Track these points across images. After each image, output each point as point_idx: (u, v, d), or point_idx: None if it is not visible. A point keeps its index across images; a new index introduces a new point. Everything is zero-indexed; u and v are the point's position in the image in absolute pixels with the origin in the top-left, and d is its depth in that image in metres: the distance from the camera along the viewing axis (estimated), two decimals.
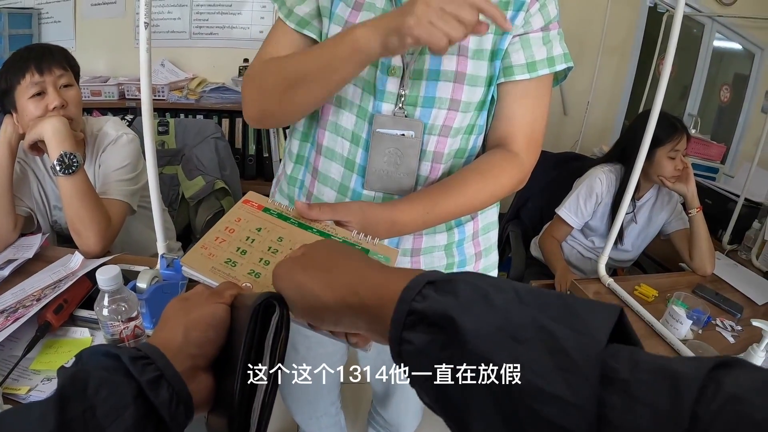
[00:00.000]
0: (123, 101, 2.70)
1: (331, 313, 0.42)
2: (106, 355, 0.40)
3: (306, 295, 0.43)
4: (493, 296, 0.34)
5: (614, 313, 0.33)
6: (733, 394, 0.26)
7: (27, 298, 0.99)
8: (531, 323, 0.32)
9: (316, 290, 0.43)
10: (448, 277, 0.37)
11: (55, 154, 1.17)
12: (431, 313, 0.35)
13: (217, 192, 1.80)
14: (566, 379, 0.29)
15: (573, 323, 0.32)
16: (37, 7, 2.91)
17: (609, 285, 1.40)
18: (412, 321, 0.36)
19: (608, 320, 0.32)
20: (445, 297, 0.35)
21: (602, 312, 0.33)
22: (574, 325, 0.31)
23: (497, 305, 0.34)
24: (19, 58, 1.23)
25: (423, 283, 0.37)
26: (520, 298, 0.34)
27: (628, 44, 3.28)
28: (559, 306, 0.33)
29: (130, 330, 0.85)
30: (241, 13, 2.95)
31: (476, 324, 0.33)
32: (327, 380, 1.23)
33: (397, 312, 0.36)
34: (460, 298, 0.35)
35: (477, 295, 0.35)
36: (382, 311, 0.38)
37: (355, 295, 0.41)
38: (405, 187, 0.87)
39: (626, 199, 1.31)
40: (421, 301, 0.36)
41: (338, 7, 0.84)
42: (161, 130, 1.82)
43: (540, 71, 0.83)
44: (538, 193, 2.11)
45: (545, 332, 0.31)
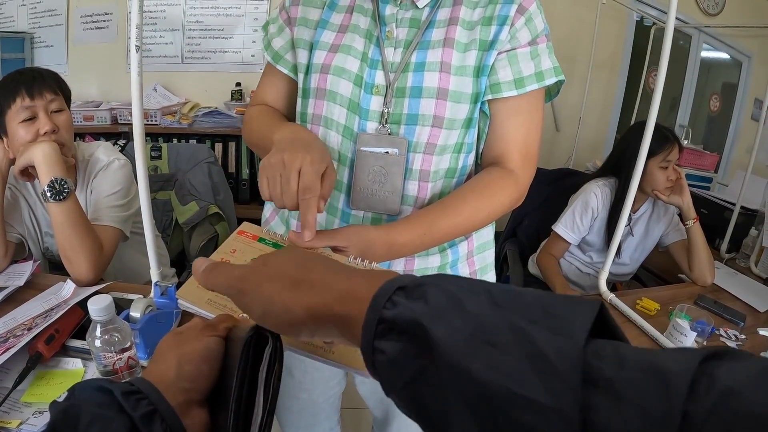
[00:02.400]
0: (115, 126, 2.71)
1: (304, 326, 0.40)
2: (98, 390, 0.39)
3: (275, 310, 0.41)
4: (466, 300, 0.33)
5: (594, 309, 0.31)
6: (728, 387, 0.24)
7: (18, 327, 0.97)
8: (506, 327, 0.30)
9: (285, 303, 0.40)
10: (419, 281, 0.36)
11: (45, 180, 1.15)
12: (401, 321, 0.33)
13: (211, 217, 1.79)
14: (545, 384, 0.27)
15: (551, 324, 0.30)
16: (30, 31, 2.95)
17: (611, 300, 1.38)
18: (383, 330, 0.34)
19: (588, 317, 0.30)
20: (416, 303, 0.33)
21: (581, 309, 0.31)
22: (551, 326, 0.30)
23: (470, 310, 0.32)
24: (9, 81, 1.22)
25: (393, 289, 0.35)
26: (495, 300, 0.33)
27: (617, 58, 3.34)
28: (535, 306, 0.32)
29: (123, 361, 0.83)
30: (233, 37, 2.98)
31: (448, 331, 0.31)
32: (325, 405, 1.21)
33: (367, 321, 0.35)
34: (431, 304, 0.33)
35: (448, 300, 0.33)
36: (353, 319, 0.36)
37: (323, 306, 0.39)
38: (390, 206, 0.87)
39: (624, 213, 1.30)
40: (391, 308, 0.34)
41: (322, 35, 0.87)
42: (154, 154, 1.82)
43: (528, 87, 0.83)
44: (533, 211, 2.11)
45: (522, 335, 0.30)
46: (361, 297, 0.36)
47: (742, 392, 0.24)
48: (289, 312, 0.40)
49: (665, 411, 0.25)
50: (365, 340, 0.35)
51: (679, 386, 0.25)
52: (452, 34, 0.82)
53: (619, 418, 0.26)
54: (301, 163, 0.65)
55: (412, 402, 0.33)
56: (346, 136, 0.86)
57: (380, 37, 0.84)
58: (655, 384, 0.26)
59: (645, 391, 0.26)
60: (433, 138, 0.84)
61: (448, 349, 0.31)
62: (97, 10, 2.93)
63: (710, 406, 0.24)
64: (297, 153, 0.66)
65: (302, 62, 0.90)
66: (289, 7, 0.92)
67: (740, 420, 0.23)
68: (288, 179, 0.65)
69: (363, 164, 0.85)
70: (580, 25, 2.98)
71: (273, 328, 0.43)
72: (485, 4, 0.83)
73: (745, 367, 0.26)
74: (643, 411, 0.25)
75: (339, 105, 0.86)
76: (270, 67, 0.97)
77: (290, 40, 0.92)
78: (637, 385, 0.26)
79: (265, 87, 1.00)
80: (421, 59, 0.82)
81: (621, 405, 0.26)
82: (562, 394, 0.27)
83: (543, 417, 0.27)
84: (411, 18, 0.84)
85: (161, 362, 0.45)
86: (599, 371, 0.27)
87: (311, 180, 0.65)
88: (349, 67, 0.84)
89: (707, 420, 0.24)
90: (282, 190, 0.66)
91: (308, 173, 0.65)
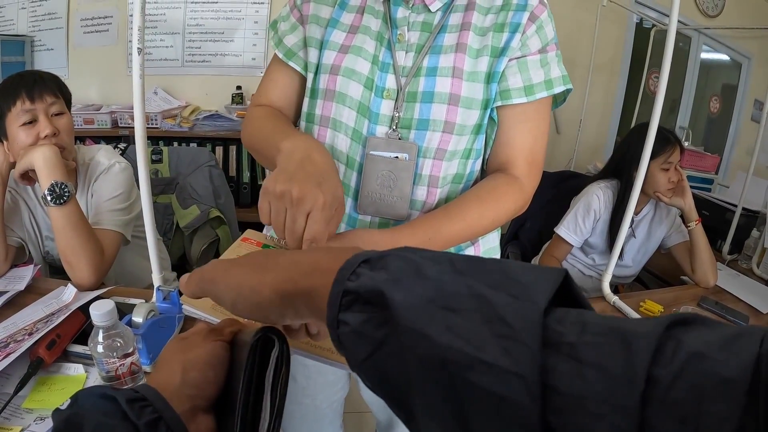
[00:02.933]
0: (116, 129, 2.71)
1: (273, 306, 0.40)
2: (102, 397, 0.38)
3: (243, 293, 0.41)
4: (426, 268, 0.33)
5: (556, 276, 0.30)
6: (696, 351, 0.24)
7: (18, 332, 0.96)
8: (466, 292, 0.30)
9: (253, 285, 0.40)
10: (384, 253, 0.35)
11: (46, 184, 1.15)
12: (363, 292, 0.33)
13: (212, 221, 1.78)
14: (504, 347, 0.27)
15: (511, 289, 0.30)
16: (30, 34, 2.95)
17: (614, 303, 1.38)
18: (348, 302, 0.34)
19: (550, 283, 0.30)
20: (378, 273, 0.33)
21: (543, 275, 0.31)
22: (511, 291, 0.29)
23: (430, 276, 0.32)
24: (9, 84, 1.21)
25: (358, 262, 0.35)
26: (455, 267, 0.32)
27: (617, 61, 3.34)
28: (496, 272, 0.31)
29: (126, 367, 0.83)
30: (234, 40, 2.98)
31: (406, 296, 0.31)
32: (329, 410, 1.20)
33: (332, 294, 0.34)
34: (391, 272, 0.33)
35: (408, 267, 0.33)
36: (318, 293, 0.36)
37: (289, 282, 0.39)
38: (399, 211, 0.86)
39: (627, 215, 1.30)
40: (355, 280, 0.34)
41: (332, 34, 0.86)
42: (155, 158, 1.81)
43: (538, 94, 0.83)
44: (535, 214, 2.10)
45: (481, 300, 0.29)
46: (325, 269, 0.36)
47: (709, 356, 0.24)
48: (257, 293, 0.40)
49: (629, 373, 0.24)
50: (330, 313, 0.34)
51: (642, 349, 0.25)
52: (465, 39, 0.81)
53: (581, 382, 0.25)
54: (312, 206, 0.59)
55: (375, 373, 0.33)
56: (355, 139, 0.86)
57: (391, 40, 0.83)
58: (618, 347, 0.25)
59: (607, 354, 0.25)
60: (444, 144, 0.84)
61: (406, 313, 0.30)
62: (97, 14, 2.93)
63: (677, 370, 0.24)
64: (308, 190, 0.59)
65: (312, 62, 0.88)
66: (301, 5, 0.90)
67: (708, 382, 0.23)
68: (294, 220, 0.59)
69: (372, 168, 0.85)
70: (581, 27, 2.99)
71: (245, 314, 0.43)
72: (497, 10, 0.82)
73: (714, 332, 0.25)
74: (606, 374, 0.25)
75: (348, 107, 0.85)
76: (277, 66, 0.94)
77: (303, 38, 0.90)
78: (599, 348, 0.26)
79: (270, 85, 0.96)
80: (434, 64, 0.81)
81: (583, 368, 0.25)
82: (521, 357, 0.27)
83: (502, 380, 0.27)
84: (423, 22, 0.83)
85: (166, 368, 0.45)
86: (560, 335, 0.27)
87: (319, 231, 0.59)
88: (359, 69, 0.83)
89: (673, 383, 0.24)
90: (286, 228, 0.60)
91: (318, 221, 0.59)
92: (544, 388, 0.26)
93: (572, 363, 0.26)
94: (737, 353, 0.23)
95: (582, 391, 0.25)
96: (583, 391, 0.25)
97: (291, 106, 0.96)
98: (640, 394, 0.24)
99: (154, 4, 2.92)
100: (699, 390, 0.23)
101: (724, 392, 0.22)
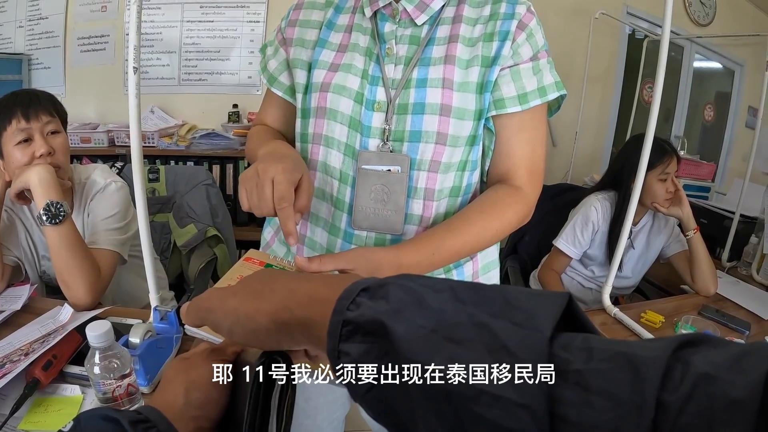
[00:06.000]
0: (113, 148, 2.70)
1: (269, 334, 0.40)
2: (105, 419, 0.38)
3: (240, 320, 0.41)
4: (428, 297, 0.32)
5: (560, 302, 0.30)
6: (704, 373, 0.23)
7: (14, 353, 0.96)
8: (468, 321, 0.30)
9: (249, 312, 0.40)
10: (383, 281, 0.35)
11: (41, 203, 1.14)
12: (363, 321, 0.33)
13: (209, 239, 1.77)
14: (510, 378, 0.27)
15: (513, 316, 0.29)
16: (27, 52, 2.96)
17: (615, 315, 1.37)
18: (348, 332, 0.33)
19: (554, 309, 0.29)
20: (378, 303, 0.33)
21: (547, 301, 0.30)
22: (514, 318, 0.29)
23: (431, 306, 0.32)
24: (5, 103, 1.21)
25: (357, 291, 0.35)
26: (457, 296, 0.32)
27: (611, 72, 3.36)
28: (498, 299, 0.31)
29: (123, 388, 0.82)
30: (230, 59, 3.00)
31: (408, 327, 0.31)
32: (329, 428, 1.18)
33: (332, 324, 0.34)
34: (391, 302, 0.32)
35: (409, 297, 0.33)
36: (315, 322, 0.36)
37: (286, 310, 0.38)
38: (394, 225, 0.86)
39: (626, 226, 1.30)
40: (354, 310, 0.33)
41: (321, 54, 0.87)
42: (152, 177, 1.81)
43: (532, 102, 0.83)
44: (534, 227, 2.09)
45: (483, 329, 0.29)
46: (322, 299, 0.36)
47: (718, 377, 0.23)
48: (253, 320, 0.40)
49: (638, 400, 0.24)
50: (330, 344, 0.34)
51: (651, 374, 0.24)
52: (453, 51, 0.82)
53: (590, 410, 0.25)
54: (274, 172, 0.67)
55: (379, 405, 0.33)
56: (348, 154, 0.86)
57: (380, 54, 0.84)
58: (626, 373, 0.25)
59: (615, 381, 0.25)
60: (437, 155, 0.83)
61: (408, 346, 0.30)
62: (94, 33, 2.94)
63: (686, 393, 0.23)
64: (270, 163, 0.69)
65: (300, 82, 0.89)
66: (285, 28, 0.92)
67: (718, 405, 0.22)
68: (263, 187, 0.67)
69: (364, 182, 0.84)
70: (574, 40, 3.01)
71: (241, 340, 0.42)
72: (485, 20, 0.83)
73: (721, 352, 0.25)
74: (615, 401, 0.24)
75: (340, 123, 0.85)
76: (268, 90, 0.98)
77: (285, 61, 0.92)
78: (607, 375, 0.25)
79: (264, 108, 1.01)
80: (423, 75, 0.82)
81: (591, 396, 0.25)
82: (526, 387, 0.26)
83: (507, 412, 0.26)
84: (411, 35, 0.84)
85: (169, 389, 0.45)
86: (567, 363, 0.26)
87: (285, 188, 0.67)
88: (349, 84, 0.84)
89: (683, 408, 0.23)
90: (258, 198, 0.68)
91: (281, 182, 0.67)
92: (553, 418, 0.25)
93: (580, 391, 0.25)
94: (746, 373, 0.23)
95: (591, 419, 0.25)
96: (592, 420, 0.25)
97: (284, 127, 0.99)
98: (650, 421, 0.23)
99: (151, 23, 2.93)
100: (709, 414, 0.22)
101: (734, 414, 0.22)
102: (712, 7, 3.51)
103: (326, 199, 0.89)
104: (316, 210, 0.91)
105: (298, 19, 0.91)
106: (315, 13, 0.90)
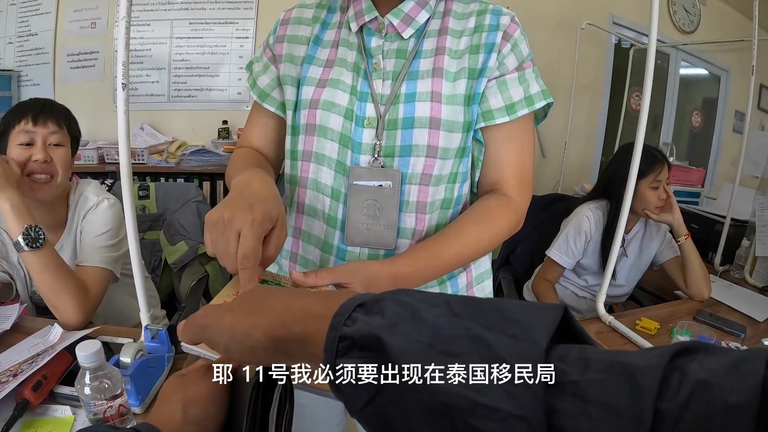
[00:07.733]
0: (103, 165, 2.70)
1: (265, 351, 0.40)
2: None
3: (236, 337, 0.41)
4: (423, 311, 0.32)
5: (556, 313, 0.30)
6: (701, 380, 0.24)
7: (3, 374, 0.93)
8: (464, 334, 0.30)
9: (245, 329, 0.40)
10: (378, 297, 0.35)
11: (18, 229, 1.11)
12: (359, 337, 0.33)
13: (200, 257, 1.75)
14: (506, 390, 0.27)
15: (509, 329, 0.29)
16: (17, 69, 2.97)
17: (610, 323, 1.37)
18: (344, 348, 0.33)
19: (549, 321, 0.29)
20: (373, 317, 0.33)
21: (542, 314, 0.30)
22: (510, 331, 0.29)
23: (427, 320, 0.32)
24: (22, 105, 1.25)
25: (353, 307, 0.35)
26: (452, 310, 0.32)
27: (599, 82, 3.41)
28: (494, 313, 0.31)
29: (114, 409, 0.80)
30: (219, 75, 3.01)
31: (404, 341, 0.31)
32: None
33: (328, 340, 0.34)
34: (387, 317, 0.32)
35: (405, 311, 0.33)
36: (311, 338, 0.36)
37: (281, 327, 0.38)
38: (387, 241, 0.86)
39: (618, 235, 1.30)
40: (351, 325, 0.33)
41: (309, 70, 0.87)
42: (142, 194, 1.80)
43: (519, 112, 0.83)
44: (526, 238, 2.10)
45: (479, 342, 0.29)
46: (318, 315, 0.36)
47: (715, 384, 0.23)
48: (249, 337, 0.40)
49: (636, 409, 0.24)
50: (327, 360, 0.34)
51: (648, 383, 0.24)
52: (440, 63, 0.82)
53: (587, 421, 0.25)
54: (242, 224, 0.60)
55: (378, 420, 0.32)
56: (339, 171, 0.85)
57: (368, 69, 0.84)
58: (622, 383, 0.25)
59: (612, 391, 0.25)
60: (428, 168, 0.84)
61: (404, 359, 0.30)
62: (83, 49, 2.95)
63: (684, 401, 0.23)
64: (238, 212, 0.61)
65: (290, 99, 0.89)
66: (273, 44, 0.92)
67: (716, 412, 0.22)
68: (227, 241, 0.60)
69: (356, 199, 0.84)
70: (561, 51, 3.05)
71: (237, 356, 0.42)
72: (470, 32, 0.83)
73: (717, 359, 0.25)
74: (613, 411, 0.24)
75: (330, 140, 0.85)
76: (257, 106, 0.96)
77: (276, 78, 0.92)
78: (604, 385, 0.25)
79: (251, 127, 0.99)
80: (411, 90, 0.82)
81: (588, 407, 0.25)
82: (523, 399, 0.26)
83: (505, 425, 0.26)
84: (397, 49, 0.84)
85: (166, 406, 0.45)
86: (564, 374, 0.27)
87: (250, 246, 0.59)
88: (338, 101, 0.84)
89: (682, 416, 0.23)
90: (222, 250, 0.61)
91: (247, 238, 0.59)
92: (550, 429, 0.25)
93: (577, 401, 0.25)
94: (742, 379, 0.23)
95: (589, 430, 0.25)
96: (590, 430, 0.25)
97: (270, 145, 0.97)
98: (648, 430, 0.23)
99: (140, 40, 2.94)
100: (707, 421, 0.22)
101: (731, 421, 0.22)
102: (696, 14, 3.57)
103: (318, 217, 0.89)
104: (308, 227, 0.90)
105: (286, 34, 0.91)
106: (302, 28, 0.90)
